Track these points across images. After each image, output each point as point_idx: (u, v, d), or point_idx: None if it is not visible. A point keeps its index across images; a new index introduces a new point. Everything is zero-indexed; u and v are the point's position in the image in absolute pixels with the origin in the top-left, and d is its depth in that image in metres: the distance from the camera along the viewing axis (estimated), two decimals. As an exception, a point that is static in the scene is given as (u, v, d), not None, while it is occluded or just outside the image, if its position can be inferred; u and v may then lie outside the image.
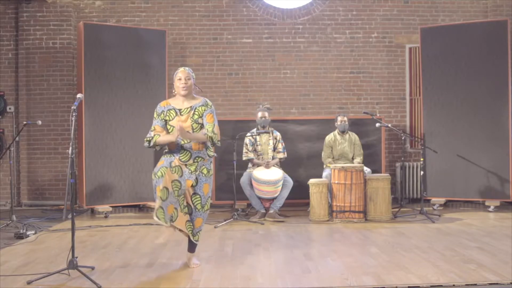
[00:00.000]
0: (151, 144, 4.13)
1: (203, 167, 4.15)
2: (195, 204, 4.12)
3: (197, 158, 4.11)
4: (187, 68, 4.26)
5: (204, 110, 4.16)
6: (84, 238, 5.41)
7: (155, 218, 3.91)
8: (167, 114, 4.15)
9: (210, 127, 4.12)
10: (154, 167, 4.07)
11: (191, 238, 4.16)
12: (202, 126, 4.15)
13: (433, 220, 6.17)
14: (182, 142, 4.09)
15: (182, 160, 4.08)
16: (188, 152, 4.10)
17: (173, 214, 3.98)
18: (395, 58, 8.33)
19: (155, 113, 4.23)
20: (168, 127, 4.15)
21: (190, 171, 4.09)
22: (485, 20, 7.67)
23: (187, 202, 4.12)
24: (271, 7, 8.34)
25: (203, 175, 4.15)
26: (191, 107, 4.15)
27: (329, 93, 8.30)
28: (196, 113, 4.14)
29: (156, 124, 4.18)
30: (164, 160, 4.08)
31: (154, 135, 4.13)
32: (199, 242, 4.28)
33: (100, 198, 6.98)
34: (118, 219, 6.66)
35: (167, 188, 3.90)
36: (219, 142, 4.18)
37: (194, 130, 4.11)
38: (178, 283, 3.79)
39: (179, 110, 4.15)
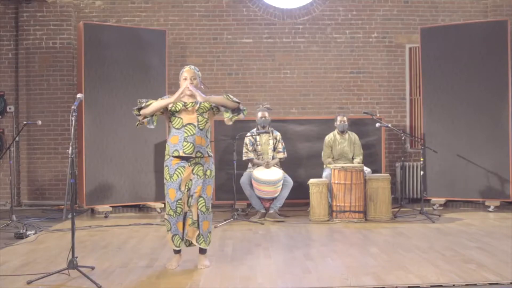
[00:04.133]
0: (143, 105, 4.11)
1: (208, 169, 4.15)
2: (200, 207, 4.11)
3: (198, 153, 4.09)
4: (192, 66, 4.25)
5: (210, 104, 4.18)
6: (84, 238, 5.41)
7: (175, 248, 4.17)
8: (174, 105, 4.12)
9: (225, 95, 4.19)
10: (164, 168, 4.12)
11: (202, 246, 4.17)
12: (207, 121, 4.14)
13: (433, 220, 6.18)
14: (185, 135, 4.07)
15: (186, 152, 4.05)
16: (191, 144, 4.06)
17: (184, 232, 4.15)
18: (395, 58, 8.32)
19: (160, 98, 4.22)
20: (175, 119, 4.11)
21: (198, 177, 4.09)
22: (485, 20, 7.67)
23: (195, 213, 4.14)
24: (271, 7, 8.34)
25: (206, 176, 4.14)
26: (195, 102, 4.15)
27: (329, 93, 8.29)
28: (202, 107, 4.13)
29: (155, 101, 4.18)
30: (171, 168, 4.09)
31: (150, 101, 4.14)
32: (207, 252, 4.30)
33: (100, 198, 6.98)
34: (118, 219, 6.66)
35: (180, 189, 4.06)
36: (243, 108, 4.21)
37: (199, 123, 4.09)
38: (178, 283, 3.79)
39: (184, 103, 4.13)
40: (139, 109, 4.14)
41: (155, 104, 4.10)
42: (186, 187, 4.08)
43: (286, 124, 7.65)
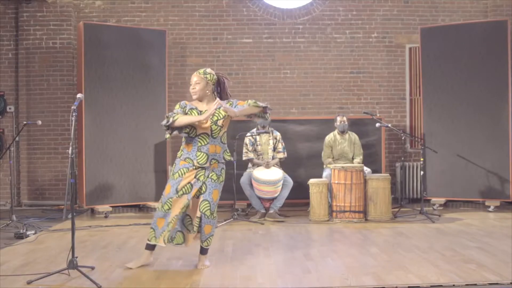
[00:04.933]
0: (170, 121, 3.95)
1: (213, 173, 4.11)
2: (204, 210, 4.07)
3: (212, 161, 4.09)
4: (201, 70, 4.16)
5: (230, 105, 4.10)
6: (84, 238, 5.41)
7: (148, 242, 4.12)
8: (189, 112, 4.10)
9: (246, 102, 4.12)
10: (172, 166, 4.14)
11: (201, 245, 4.16)
12: (221, 128, 4.11)
13: (433, 220, 6.18)
14: (199, 144, 4.06)
15: (200, 162, 4.05)
16: (204, 154, 4.06)
17: (175, 234, 4.13)
18: (395, 58, 8.32)
19: (177, 105, 4.14)
20: (189, 126, 4.08)
21: (198, 181, 4.08)
22: (485, 20, 7.67)
23: (190, 217, 4.12)
24: (271, 7, 8.34)
25: (212, 180, 4.10)
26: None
27: (329, 93, 8.29)
28: (216, 114, 4.08)
29: (179, 111, 4.07)
30: (181, 165, 4.09)
31: (177, 114, 4.01)
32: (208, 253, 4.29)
33: (100, 198, 6.98)
34: (118, 219, 6.66)
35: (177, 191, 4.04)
36: (269, 106, 4.20)
37: (213, 132, 4.07)
38: (178, 283, 3.79)
39: (201, 111, 4.10)
40: (168, 125, 4.02)
41: (183, 120, 3.96)
42: (183, 190, 4.06)
43: (286, 124, 7.64)
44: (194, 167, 4.07)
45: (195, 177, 4.08)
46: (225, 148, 4.18)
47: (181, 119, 3.97)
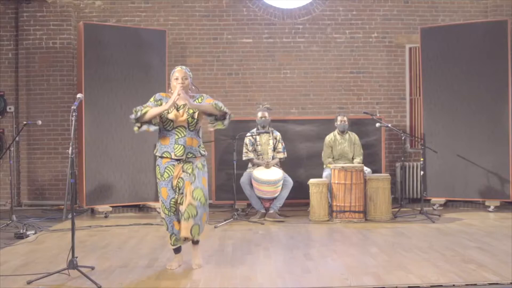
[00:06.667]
0: (139, 114, 4.06)
1: (198, 162, 4.13)
2: (199, 198, 4.02)
3: (189, 154, 4.09)
4: (184, 67, 4.25)
5: (201, 101, 4.17)
6: (84, 238, 5.41)
7: (172, 247, 4.24)
8: (162, 104, 4.13)
9: (213, 101, 4.13)
10: (155, 170, 4.10)
11: (196, 238, 4.11)
12: (198, 121, 4.14)
13: (433, 220, 6.18)
14: (176, 137, 4.08)
15: (177, 154, 4.06)
16: (182, 146, 4.07)
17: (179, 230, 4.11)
18: (395, 58, 8.32)
19: (152, 98, 4.19)
20: (166, 120, 4.12)
21: (188, 174, 4.07)
22: (485, 20, 7.66)
23: (184, 208, 4.05)
24: (271, 7, 8.33)
25: (199, 169, 4.11)
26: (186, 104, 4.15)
27: (329, 93, 8.29)
28: (192, 108, 4.11)
29: (149, 105, 4.14)
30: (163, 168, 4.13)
31: (145, 107, 4.09)
32: (199, 242, 4.28)
33: (100, 198, 6.98)
34: (118, 219, 6.66)
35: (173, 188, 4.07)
36: (232, 115, 4.18)
37: (190, 125, 4.10)
38: (178, 283, 3.79)
39: (176, 105, 4.13)
40: (137, 118, 4.11)
41: (151, 112, 4.06)
42: (177, 186, 4.07)
43: (286, 124, 7.64)
44: (177, 162, 4.09)
45: (183, 171, 4.08)
46: (201, 142, 4.21)
47: (149, 112, 4.06)
